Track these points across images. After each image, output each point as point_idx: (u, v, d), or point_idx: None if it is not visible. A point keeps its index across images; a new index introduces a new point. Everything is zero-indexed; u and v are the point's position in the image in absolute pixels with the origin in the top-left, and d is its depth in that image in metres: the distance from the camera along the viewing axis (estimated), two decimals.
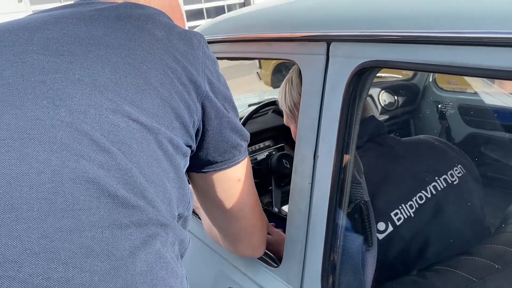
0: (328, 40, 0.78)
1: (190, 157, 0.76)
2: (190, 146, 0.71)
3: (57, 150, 0.53)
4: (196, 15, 14.56)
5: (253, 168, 1.85)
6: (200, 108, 0.70)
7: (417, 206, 0.98)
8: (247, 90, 6.77)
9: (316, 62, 0.81)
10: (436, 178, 1.03)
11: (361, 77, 0.75)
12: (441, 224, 1.01)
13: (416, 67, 0.66)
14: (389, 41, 0.68)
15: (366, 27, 0.72)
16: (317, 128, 0.83)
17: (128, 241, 0.55)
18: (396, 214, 0.95)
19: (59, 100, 0.56)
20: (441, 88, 2.30)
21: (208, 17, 14.70)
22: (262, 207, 1.41)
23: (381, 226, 0.94)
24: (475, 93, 2.08)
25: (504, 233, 1.07)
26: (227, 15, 1.19)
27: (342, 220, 0.85)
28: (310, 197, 0.86)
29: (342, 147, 0.79)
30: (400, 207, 0.96)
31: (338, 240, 0.85)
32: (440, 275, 0.90)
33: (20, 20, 0.67)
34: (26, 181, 0.50)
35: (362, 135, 1.08)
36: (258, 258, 1.01)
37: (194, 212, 1.28)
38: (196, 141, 0.73)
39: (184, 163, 0.70)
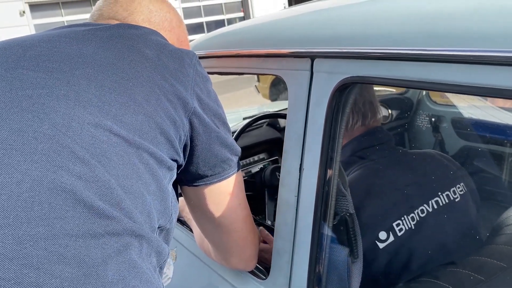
0: (312, 57, 0.81)
1: (181, 171, 0.78)
2: (176, 160, 0.73)
3: (37, 161, 0.56)
4: (196, 29, 14.71)
5: (247, 180, 1.88)
6: (187, 124, 0.72)
7: (418, 219, 1.00)
8: (246, 103, 6.82)
9: (301, 78, 0.84)
10: (439, 193, 1.05)
11: (344, 92, 0.77)
12: (438, 239, 1.02)
13: (395, 83, 0.68)
14: (370, 58, 0.70)
15: (348, 44, 0.74)
16: (302, 142, 0.85)
17: (101, 250, 0.56)
18: (398, 225, 0.97)
19: (43, 114, 0.59)
20: (435, 102, 2.33)
21: (208, 30, 14.84)
22: (255, 219, 1.42)
23: (382, 235, 0.96)
24: (468, 107, 2.10)
25: (491, 245, 1.08)
26: (217, 31, 1.22)
27: (328, 232, 0.86)
28: (296, 209, 0.87)
29: (326, 161, 0.81)
30: (402, 218, 0.98)
31: (324, 252, 0.86)
32: (421, 285, 0.91)
33: (18, 38, 0.72)
34: (5, 190, 0.53)
35: (370, 144, 1.12)
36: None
37: (185, 224, 1.29)
38: (184, 155, 0.75)
39: (170, 176, 0.72)
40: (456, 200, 1.06)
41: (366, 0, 0.91)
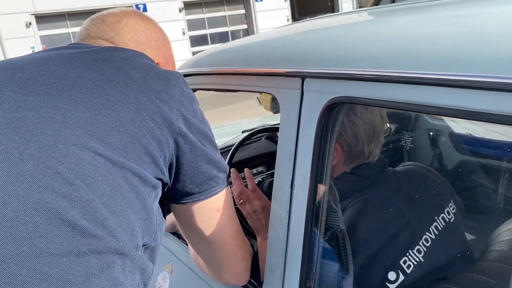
0: (303, 76, 0.83)
1: (169, 188, 0.79)
2: (161, 179, 0.74)
3: (23, 182, 0.57)
4: (200, 40, 14.83)
5: None
6: (172, 143, 0.74)
7: (425, 249, 0.97)
8: (249, 115, 6.85)
9: (292, 96, 0.86)
10: (436, 217, 1.03)
11: (332, 111, 0.79)
12: (444, 265, 1.01)
13: (380, 104, 0.70)
14: (356, 79, 0.73)
15: (336, 65, 0.76)
16: (294, 158, 0.87)
17: (84, 268, 0.58)
18: (405, 262, 0.94)
19: (30, 136, 0.61)
20: (433, 116, 2.34)
21: (212, 42, 14.96)
22: (254, 233, 1.43)
23: (391, 276, 0.93)
24: (465, 121, 2.11)
25: (482, 261, 1.09)
26: (213, 49, 1.25)
27: (318, 247, 0.87)
28: (288, 224, 0.89)
29: (316, 177, 0.83)
30: (407, 254, 0.95)
31: (314, 268, 0.87)
32: None
33: (7, 60, 0.74)
34: None
35: (366, 174, 1.08)
36: None
37: (182, 238, 1.31)
38: (170, 174, 0.77)
39: (154, 195, 0.74)
40: (452, 220, 1.05)
41: (356, 22, 0.94)
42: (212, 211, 0.84)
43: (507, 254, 1.03)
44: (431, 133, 2.27)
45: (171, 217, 1.01)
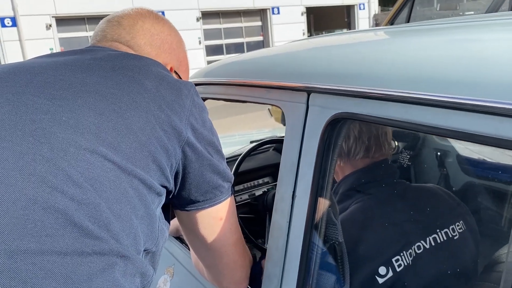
0: (308, 91, 0.86)
1: (174, 195, 0.82)
2: (166, 187, 0.77)
3: (34, 182, 0.60)
4: (215, 50, 14.99)
5: (249, 203, 1.90)
6: (180, 152, 0.76)
7: (414, 255, 1.00)
8: (260, 125, 6.88)
9: (298, 110, 0.89)
10: (438, 230, 1.05)
11: (335, 126, 0.82)
12: (433, 276, 1.03)
13: (380, 121, 0.73)
14: (358, 96, 0.75)
15: (340, 81, 0.79)
16: (296, 170, 0.89)
17: (87, 268, 0.60)
18: (397, 260, 0.98)
19: (44, 138, 0.63)
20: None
21: (228, 52, 15.09)
22: (256, 242, 1.45)
23: (382, 270, 0.96)
24: (473, 143, 2.12)
25: (481, 282, 1.10)
26: (226, 60, 1.29)
27: (316, 259, 0.89)
28: (288, 234, 0.91)
29: (317, 190, 0.85)
30: (401, 254, 0.98)
31: (311, 278, 0.89)
32: None
33: (26, 63, 0.77)
34: (2, 207, 0.57)
35: (371, 178, 1.13)
36: None
37: (185, 242, 1.33)
38: (175, 182, 0.79)
39: (158, 201, 0.76)
40: (455, 238, 1.07)
41: (366, 41, 0.96)
42: (215, 219, 0.86)
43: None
44: (438, 153, 2.27)
45: (175, 221, 1.03)
